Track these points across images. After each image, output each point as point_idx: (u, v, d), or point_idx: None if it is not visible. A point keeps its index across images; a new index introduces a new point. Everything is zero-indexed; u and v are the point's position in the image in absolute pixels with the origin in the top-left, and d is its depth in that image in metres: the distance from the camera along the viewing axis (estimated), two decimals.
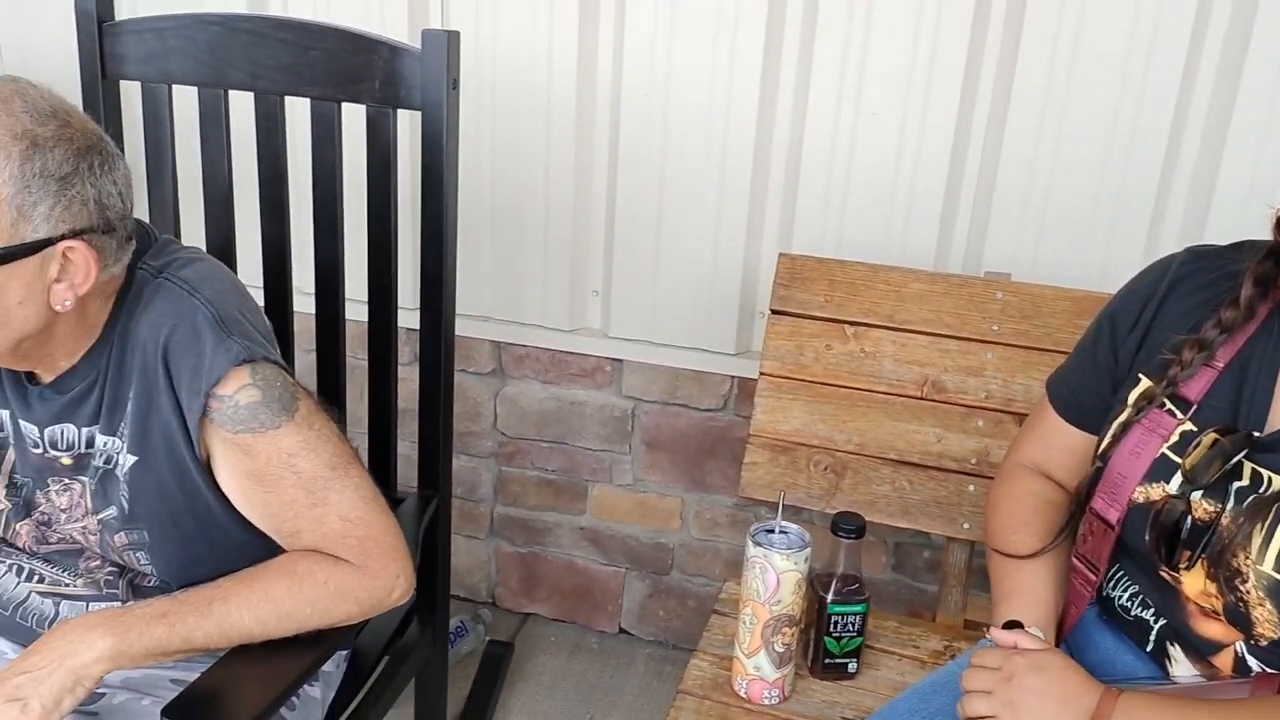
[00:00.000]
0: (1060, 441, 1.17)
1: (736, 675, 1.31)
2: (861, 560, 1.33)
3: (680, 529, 2.08)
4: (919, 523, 1.49)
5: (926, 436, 1.48)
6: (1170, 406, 1.02)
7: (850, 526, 1.30)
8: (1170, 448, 1.01)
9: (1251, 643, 0.98)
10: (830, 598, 1.31)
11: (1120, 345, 1.09)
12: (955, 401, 1.48)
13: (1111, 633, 1.11)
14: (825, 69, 1.71)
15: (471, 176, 1.84)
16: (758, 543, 1.25)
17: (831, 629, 1.32)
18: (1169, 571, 1.01)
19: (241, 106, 1.43)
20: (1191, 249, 1.08)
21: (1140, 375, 1.06)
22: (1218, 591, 0.97)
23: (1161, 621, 1.04)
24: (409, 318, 1.55)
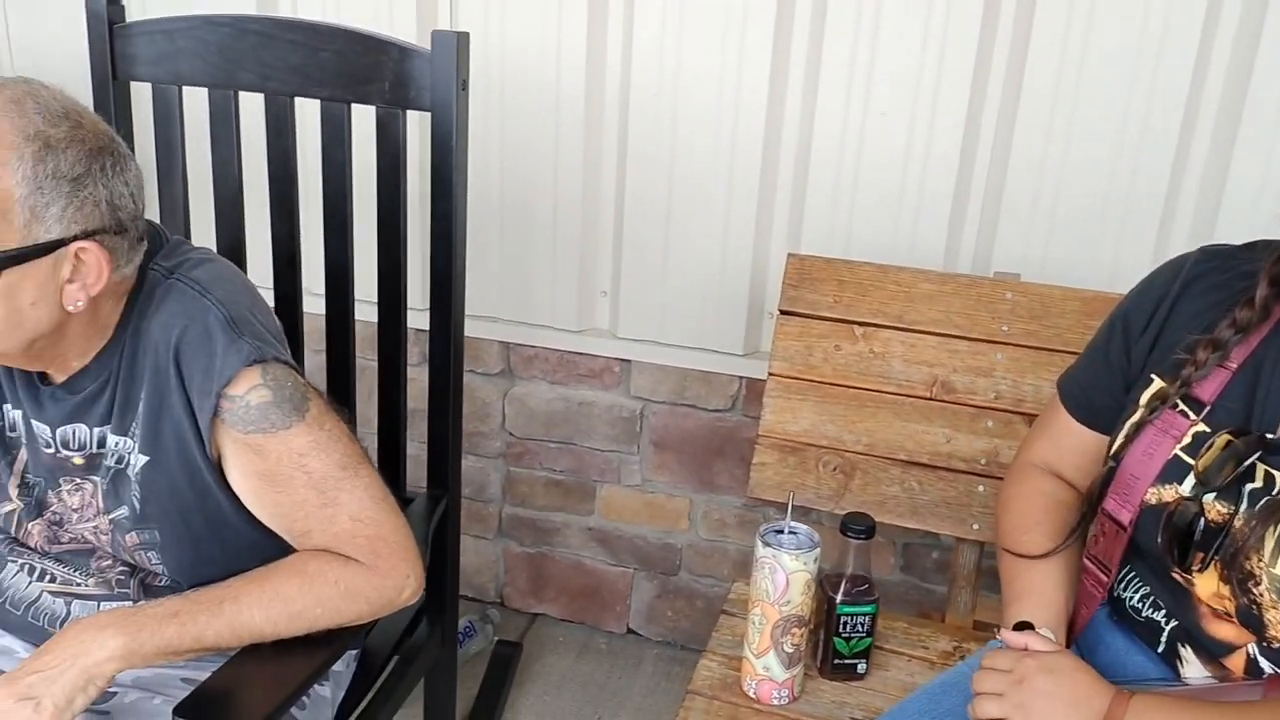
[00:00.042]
0: (1071, 441, 1.17)
1: (746, 675, 1.31)
2: (871, 561, 1.33)
3: (688, 529, 2.08)
4: (928, 523, 1.48)
5: (936, 437, 1.48)
6: (1183, 407, 1.02)
7: (860, 527, 1.30)
8: (1183, 449, 1.01)
9: (1264, 645, 0.98)
10: (839, 598, 1.31)
11: (1133, 345, 1.09)
12: (964, 402, 1.48)
13: (1122, 634, 1.10)
14: (834, 68, 1.70)
15: (480, 177, 1.85)
16: (767, 543, 1.25)
17: (841, 629, 1.32)
18: (1181, 573, 1.01)
19: (251, 108, 1.43)
20: (1205, 248, 1.07)
21: (1152, 376, 1.06)
22: (1230, 594, 0.97)
23: (1173, 623, 1.04)
24: (417, 318, 1.56)
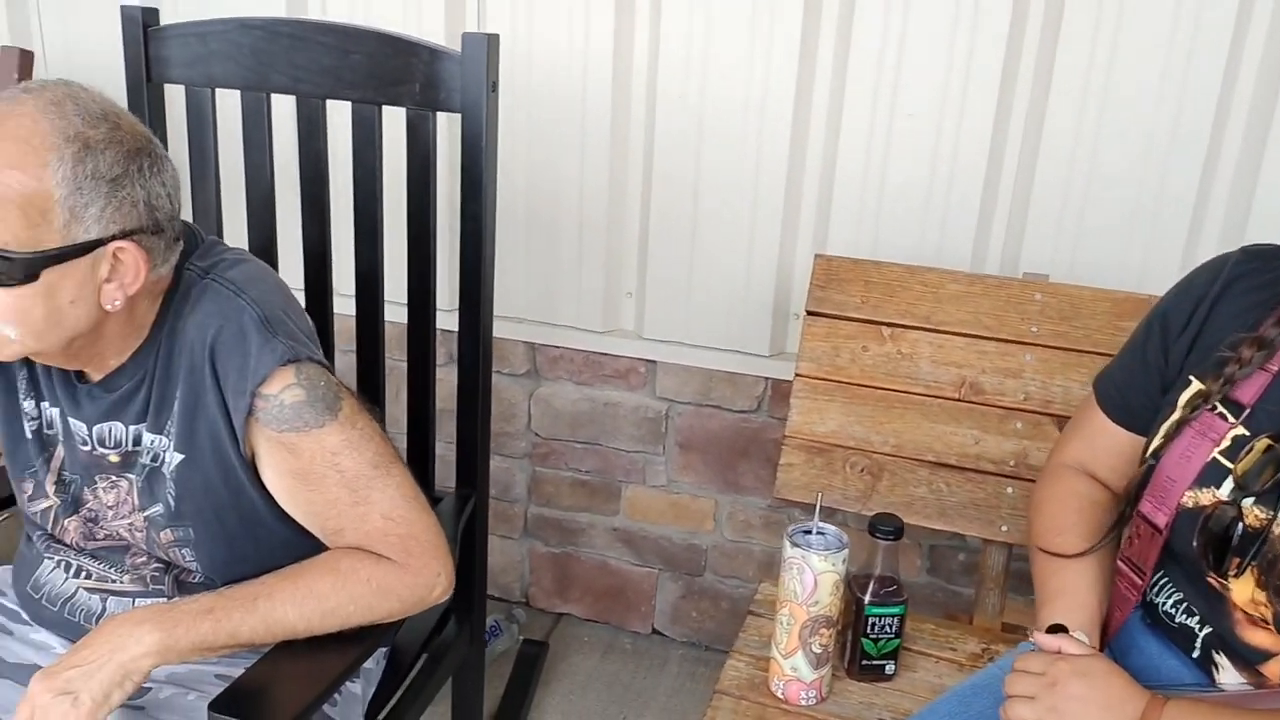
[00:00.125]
0: (1106, 442, 1.16)
1: (773, 676, 1.31)
2: (899, 562, 1.33)
3: (713, 530, 2.08)
4: (956, 525, 1.48)
5: (964, 438, 1.47)
6: (1222, 410, 1.01)
7: (888, 528, 1.30)
8: (1221, 452, 1.00)
9: None
10: (868, 599, 1.30)
11: (1171, 345, 1.08)
12: (993, 403, 1.47)
13: (1156, 638, 1.09)
14: (861, 69, 1.70)
15: (507, 178, 1.84)
16: (795, 544, 1.25)
17: (869, 630, 1.31)
18: (1217, 578, 1.00)
19: (283, 110, 1.45)
20: (1246, 249, 1.06)
21: (1191, 377, 1.05)
22: (1267, 600, 0.96)
23: (1207, 629, 1.03)
24: (445, 319, 1.56)
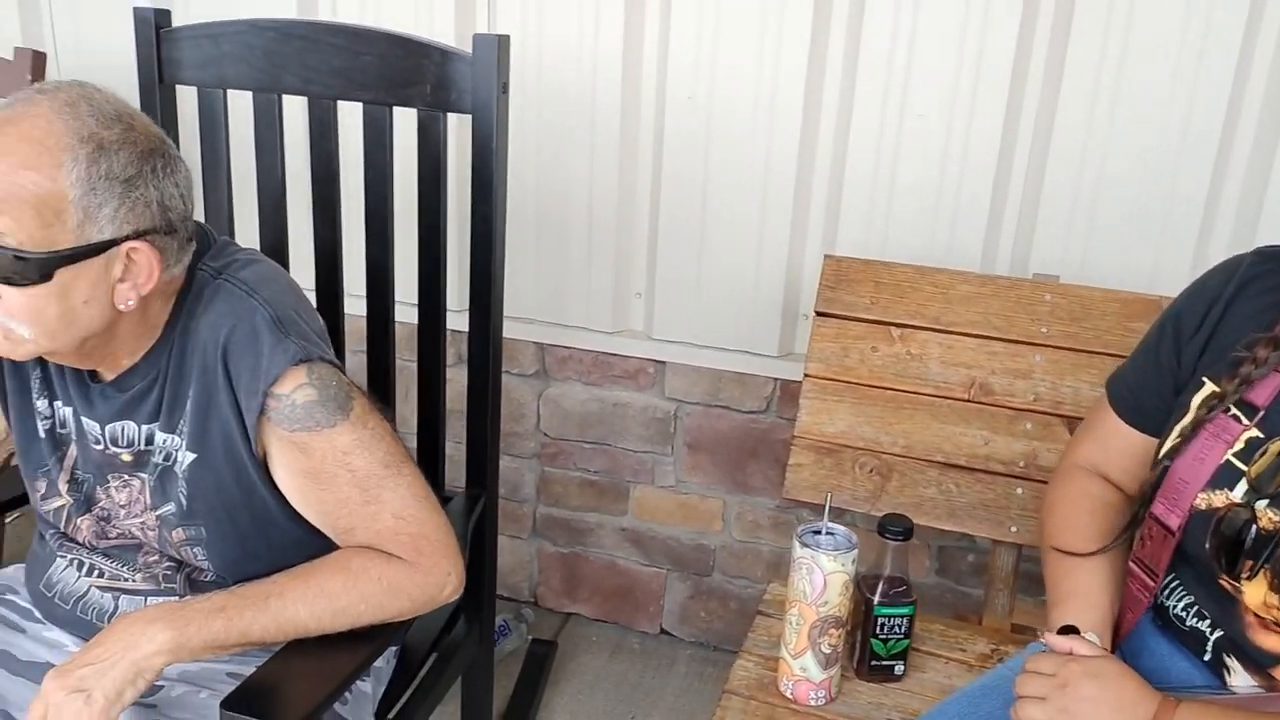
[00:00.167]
0: (1119, 443, 1.16)
1: (782, 676, 1.31)
2: (908, 563, 1.33)
3: (722, 530, 2.09)
4: (966, 525, 1.48)
5: (973, 439, 1.47)
6: (1236, 412, 1.01)
7: (898, 528, 1.30)
8: (1235, 454, 1.00)
9: None
10: (877, 600, 1.30)
11: (1184, 347, 1.08)
12: (1003, 404, 1.47)
13: (1167, 640, 1.09)
14: (871, 70, 1.70)
15: (516, 178, 1.86)
16: (805, 544, 1.24)
17: (878, 631, 1.31)
18: (1229, 580, 0.99)
19: (294, 110, 1.45)
20: (1260, 250, 1.06)
21: (1204, 379, 1.05)
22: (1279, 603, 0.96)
23: (1218, 633, 1.03)
24: (454, 320, 1.57)
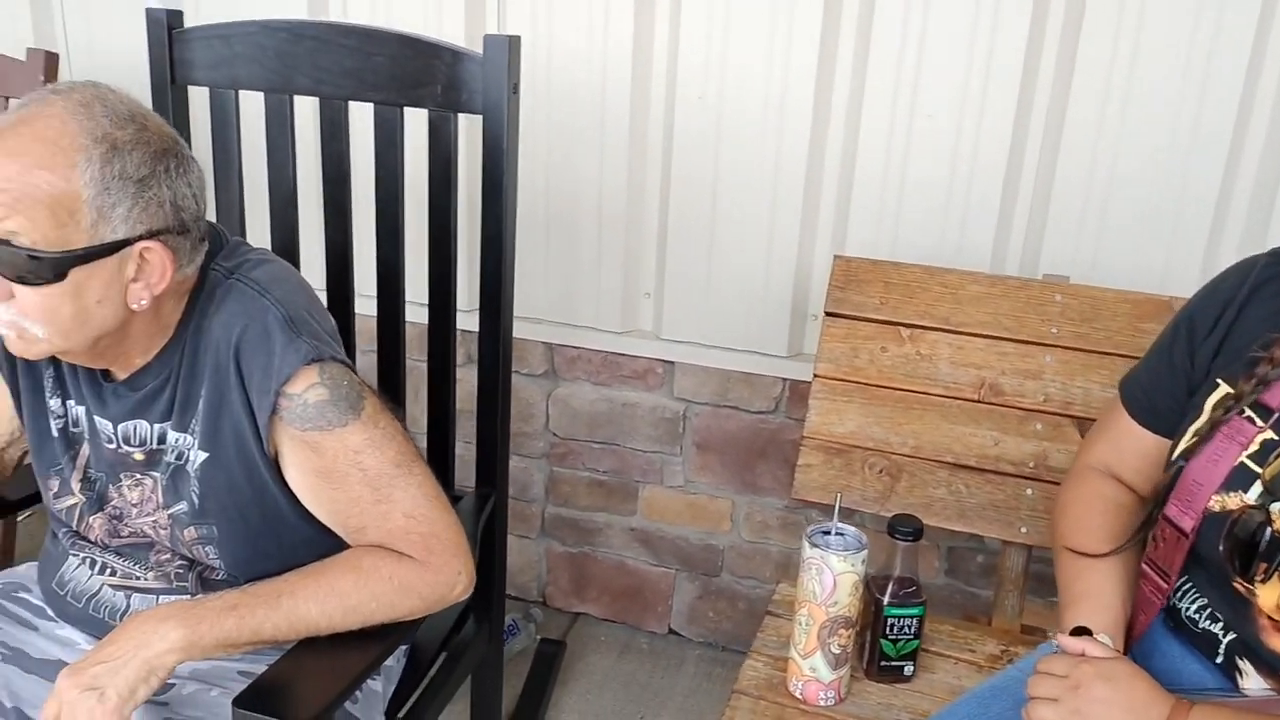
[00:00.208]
0: (1132, 444, 1.16)
1: (792, 676, 1.31)
2: (918, 563, 1.33)
3: (730, 531, 2.09)
4: (975, 526, 1.48)
5: (983, 439, 1.47)
6: (1250, 414, 1.01)
7: (907, 529, 1.30)
8: (1249, 456, 0.99)
9: None
10: (887, 600, 1.30)
11: (1197, 348, 1.07)
12: (1013, 404, 1.47)
13: (1178, 642, 1.09)
14: (880, 70, 1.70)
15: (526, 178, 1.85)
16: (814, 544, 1.24)
17: (888, 631, 1.31)
18: (1243, 583, 0.99)
19: (305, 111, 1.46)
20: (1275, 251, 1.06)
21: (1218, 380, 1.04)
22: None
23: (1231, 635, 1.02)
24: (464, 320, 1.57)
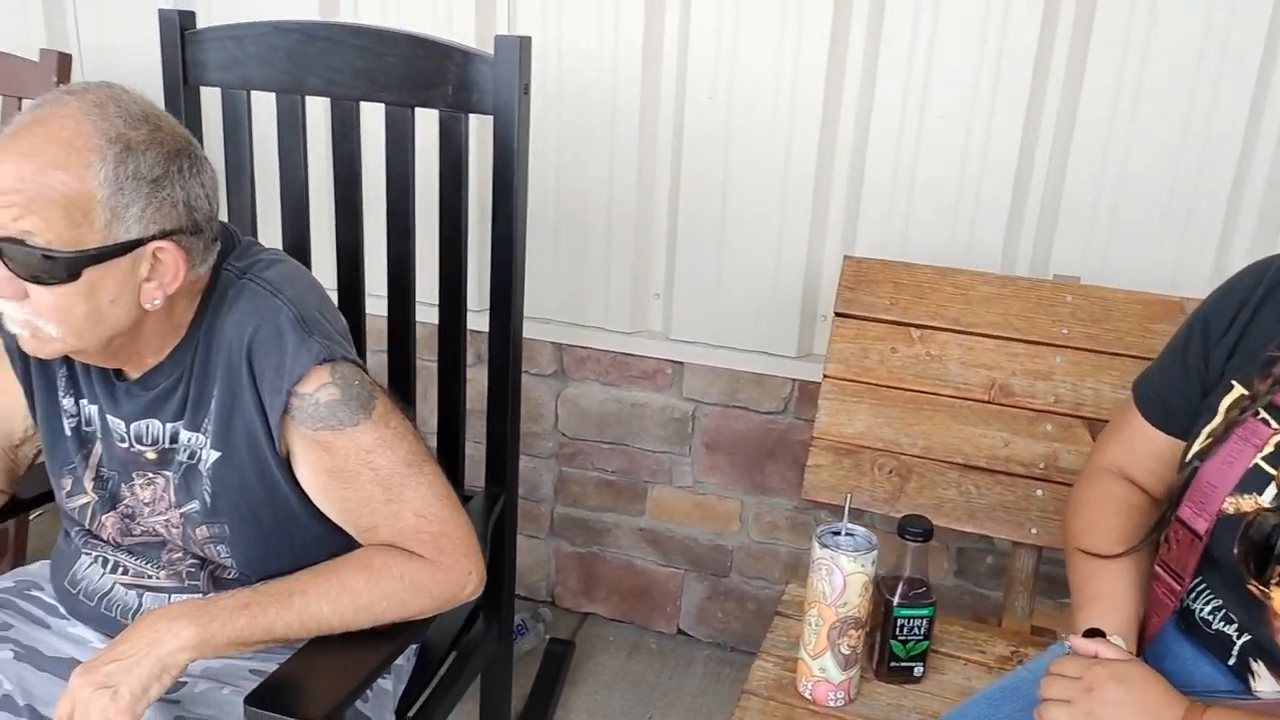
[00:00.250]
0: (1145, 445, 1.15)
1: (801, 676, 1.31)
2: (928, 564, 1.33)
3: (739, 531, 2.09)
4: (985, 527, 1.47)
5: (993, 440, 1.47)
6: (1265, 416, 1.00)
7: (917, 530, 1.29)
8: (1264, 458, 0.99)
9: None
10: (896, 601, 1.30)
11: (1212, 349, 1.07)
12: (1023, 405, 1.47)
13: (1191, 644, 1.09)
14: (890, 71, 1.70)
15: (536, 178, 1.85)
16: (824, 544, 1.25)
17: (898, 632, 1.31)
18: (1258, 586, 0.99)
19: (317, 111, 1.46)
20: None
21: (1232, 381, 1.04)
22: None
23: (1245, 637, 1.02)
24: (474, 320, 1.57)
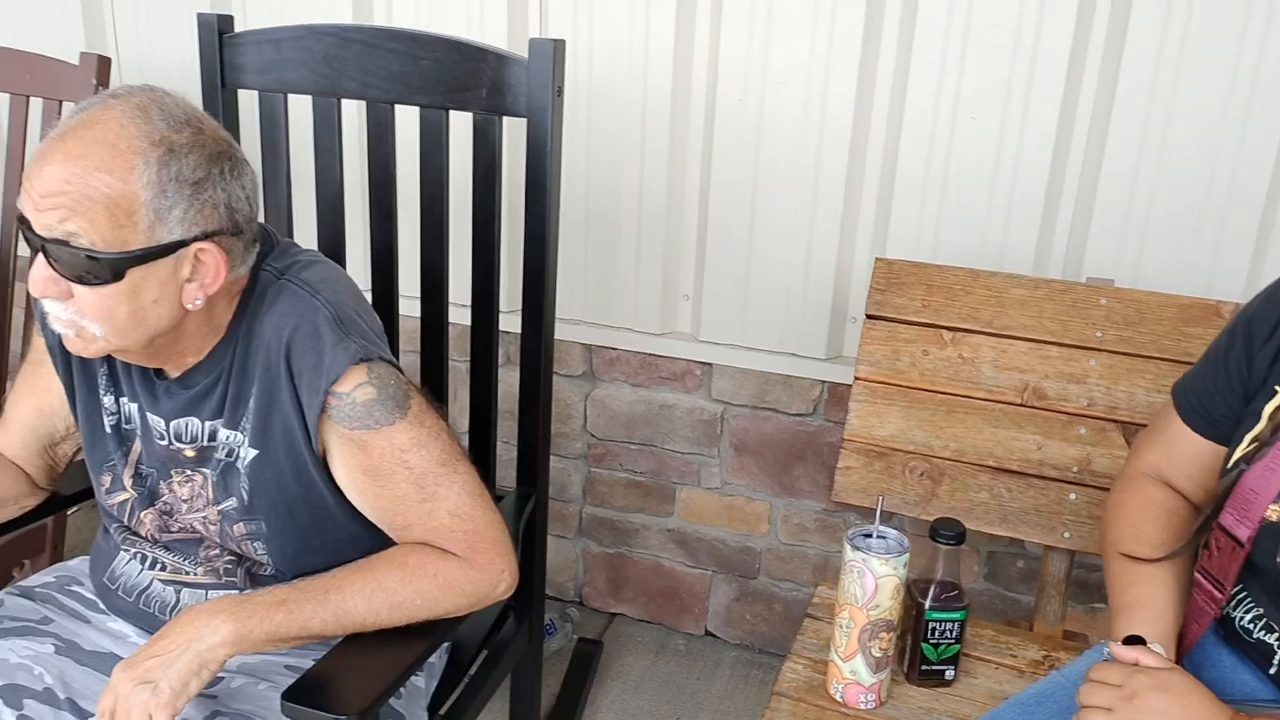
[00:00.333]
0: (1185, 449, 1.14)
1: (832, 679, 1.31)
2: (960, 567, 1.32)
3: (768, 533, 2.08)
4: (1018, 531, 1.47)
5: (1026, 444, 1.46)
6: None
7: (950, 533, 1.29)
8: None
9: None
10: (928, 604, 1.30)
11: (1255, 354, 1.06)
12: (1056, 409, 1.46)
13: (1230, 652, 1.08)
14: (923, 73, 1.69)
15: (567, 181, 1.85)
16: (856, 547, 1.24)
17: (929, 635, 1.31)
18: None
19: (352, 114, 1.47)
20: None
21: (1276, 387, 1.03)
22: None
23: None
24: (505, 321, 1.58)
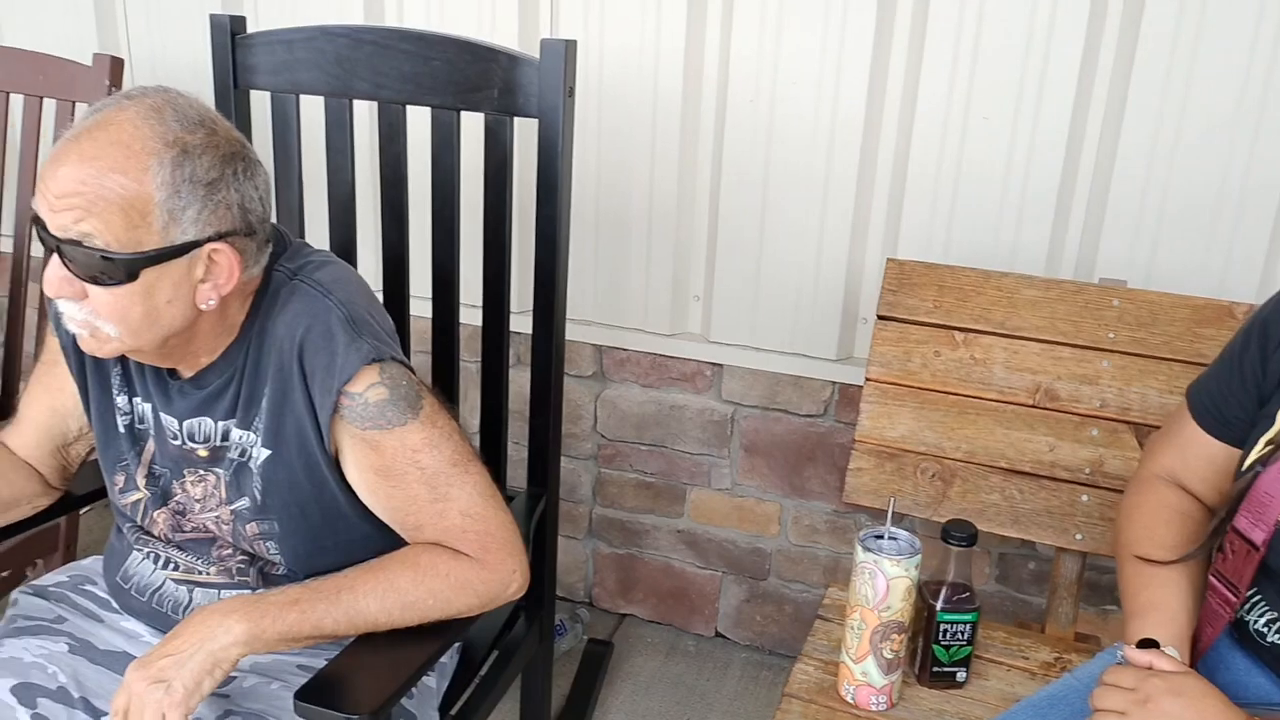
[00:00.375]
0: (1198, 452, 1.14)
1: (843, 680, 1.31)
2: (971, 569, 1.32)
3: (778, 534, 2.08)
4: (1030, 532, 1.46)
5: (1038, 445, 1.46)
6: None
7: (961, 534, 1.29)
8: None
9: None
10: (940, 605, 1.29)
11: (1270, 356, 1.05)
12: (1069, 410, 1.45)
13: (1244, 655, 1.07)
14: (934, 73, 1.69)
15: (577, 181, 1.87)
16: (867, 548, 1.24)
17: (941, 637, 1.30)
18: None
19: (364, 114, 1.48)
20: None
21: None
22: None
23: None
24: (516, 321, 1.59)
